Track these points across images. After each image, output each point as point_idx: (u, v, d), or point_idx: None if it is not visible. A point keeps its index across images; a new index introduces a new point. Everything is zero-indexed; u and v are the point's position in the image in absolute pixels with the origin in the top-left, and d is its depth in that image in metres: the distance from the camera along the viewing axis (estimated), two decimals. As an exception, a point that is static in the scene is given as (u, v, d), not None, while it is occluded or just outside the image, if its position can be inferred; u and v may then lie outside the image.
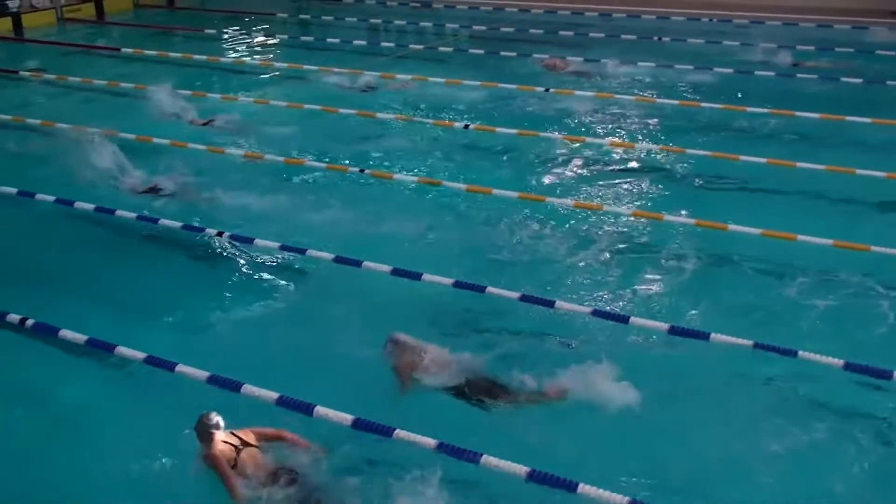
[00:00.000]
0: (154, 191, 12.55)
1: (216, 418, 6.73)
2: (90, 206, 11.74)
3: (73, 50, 22.32)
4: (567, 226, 11.16)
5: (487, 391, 7.50)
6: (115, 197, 12.28)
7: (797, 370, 7.91)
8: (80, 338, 8.55)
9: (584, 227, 11.12)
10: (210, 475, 6.59)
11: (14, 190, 12.36)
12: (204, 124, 15.53)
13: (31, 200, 12.17)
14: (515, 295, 9.10)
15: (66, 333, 8.64)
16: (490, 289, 9.20)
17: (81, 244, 11.29)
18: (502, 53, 19.75)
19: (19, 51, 23.25)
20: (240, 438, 6.70)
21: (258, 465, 6.57)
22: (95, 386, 8.29)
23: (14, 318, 8.98)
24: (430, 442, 6.69)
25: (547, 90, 16.61)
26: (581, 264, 10.21)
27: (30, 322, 8.88)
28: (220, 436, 6.69)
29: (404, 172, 13.03)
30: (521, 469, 6.41)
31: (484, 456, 6.52)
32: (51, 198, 12.07)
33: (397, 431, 6.83)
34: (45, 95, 18.23)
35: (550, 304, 8.97)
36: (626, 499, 6.10)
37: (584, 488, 6.20)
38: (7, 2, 25.33)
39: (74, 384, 8.32)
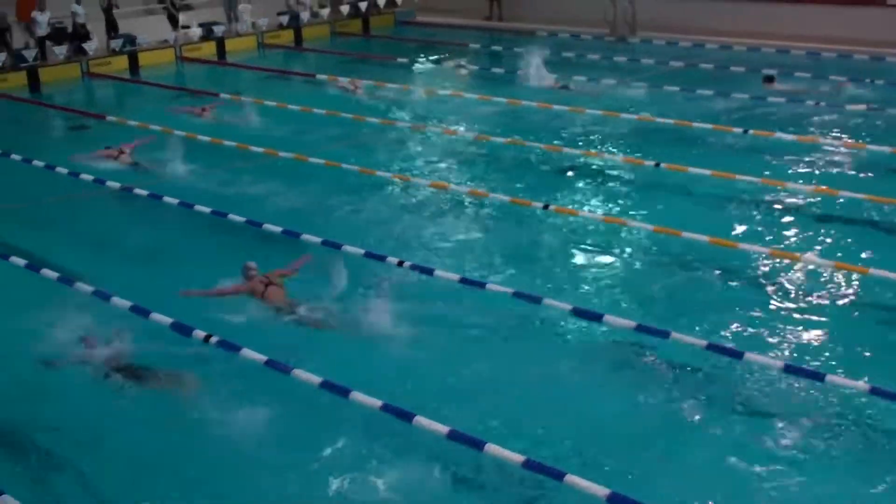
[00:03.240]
0: None
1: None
2: (278, 229, 12.30)
3: (270, 75, 23.45)
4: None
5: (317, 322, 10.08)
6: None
7: None
8: (261, 359, 8.91)
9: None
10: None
11: (208, 209, 12.98)
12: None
13: (223, 219, 12.84)
14: (702, 342, 8.95)
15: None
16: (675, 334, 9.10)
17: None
18: (698, 91, 19.36)
19: (221, 74, 24.62)
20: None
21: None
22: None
23: (200, 334, 9.45)
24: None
25: (746, 132, 16.13)
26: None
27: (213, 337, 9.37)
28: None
29: (588, 210, 12.99)
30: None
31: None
32: (241, 218, 12.72)
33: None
34: (241, 117, 19.23)
35: (739, 355, 8.75)
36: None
37: None
38: (213, 27, 26.92)
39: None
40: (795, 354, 9.08)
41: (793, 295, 10.33)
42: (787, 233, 11.99)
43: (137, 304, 10.12)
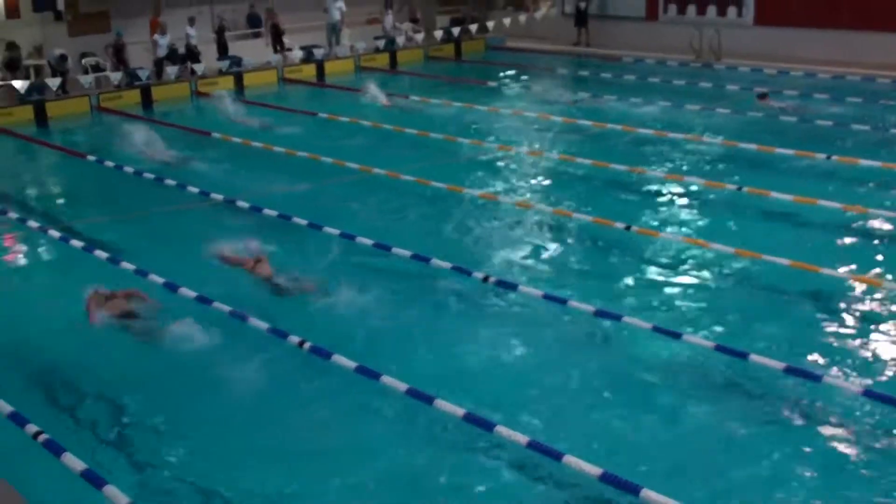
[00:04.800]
0: None
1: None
2: (369, 241, 12.43)
3: (364, 96, 23.73)
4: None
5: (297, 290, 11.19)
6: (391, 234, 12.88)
7: None
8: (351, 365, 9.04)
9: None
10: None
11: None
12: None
13: (318, 231, 13.02)
14: (781, 365, 8.75)
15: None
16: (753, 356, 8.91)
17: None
18: (781, 118, 18.99)
19: (319, 94, 25.03)
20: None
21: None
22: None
23: (294, 339, 9.59)
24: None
25: (829, 157, 15.75)
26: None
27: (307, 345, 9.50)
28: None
29: (669, 231, 12.83)
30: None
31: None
32: (336, 231, 12.88)
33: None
34: (343, 135, 19.50)
35: (817, 378, 8.56)
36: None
37: None
38: (314, 50, 27.40)
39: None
40: (875, 380, 8.81)
41: (873, 321, 10.02)
42: (869, 259, 11.64)
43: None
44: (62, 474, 7.37)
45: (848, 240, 12.36)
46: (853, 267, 11.25)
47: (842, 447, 7.85)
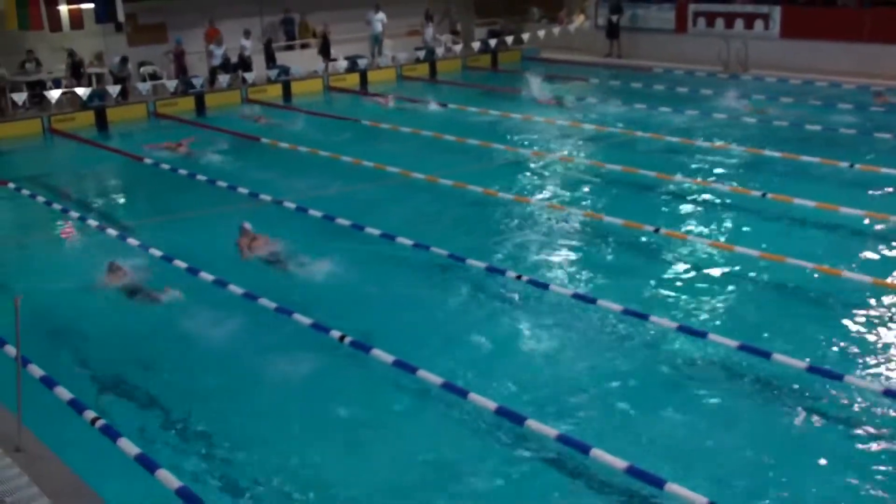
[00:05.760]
0: None
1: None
2: (407, 242, 12.43)
3: (406, 104, 23.79)
4: None
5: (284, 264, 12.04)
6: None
7: None
8: (389, 358, 9.03)
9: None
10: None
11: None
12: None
13: (360, 232, 13.07)
14: (803, 364, 8.65)
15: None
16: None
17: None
18: (806, 127, 18.74)
19: (360, 103, 25.08)
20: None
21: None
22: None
23: (335, 334, 9.63)
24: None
25: (852, 166, 15.52)
26: None
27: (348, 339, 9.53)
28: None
29: (696, 235, 12.74)
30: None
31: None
32: (377, 231, 12.92)
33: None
34: (389, 142, 19.57)
35: (839, 377, 8.42)
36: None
37: None
38: (358, 60, 27.50)
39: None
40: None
41: (894, 322, 9.87)
42: (890, 263, 11.46)
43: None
44: (119, 457, 7.47)
45: (869, 244, 12.17)
46: (874, 270, 11.07)
47: (863, 445, 7.72)
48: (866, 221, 12.85)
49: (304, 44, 28.57)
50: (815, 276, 10.93)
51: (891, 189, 14.37)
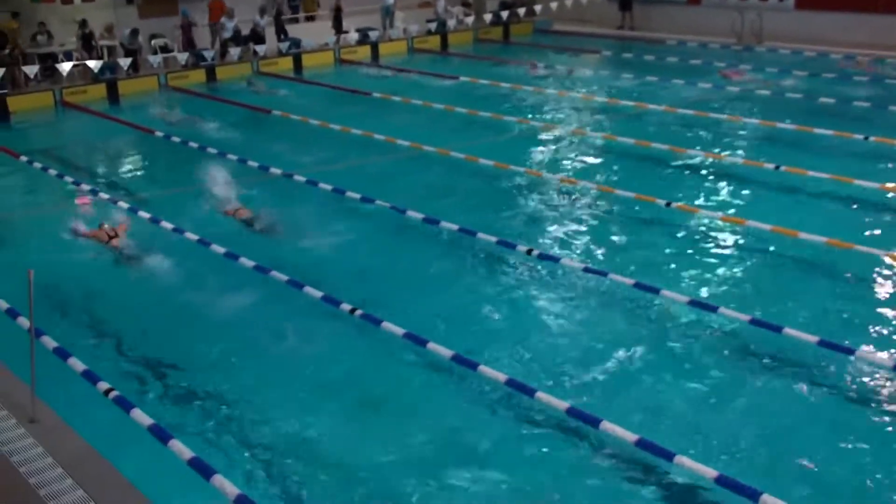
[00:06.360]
0: None
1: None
2: (418, 215, 12.40)
3: (417, 77, 23.68)
4: None
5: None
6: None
7: None
8: (399, 331, 9.04)
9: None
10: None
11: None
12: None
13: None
14: (814, 339, 8.60)
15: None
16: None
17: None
18: (820, 99, 18.56)
19: (373, 75, 24.97)
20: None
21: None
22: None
23: (346, 307, 9.64)
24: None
25: (867, 138, 15.38)
26: None
27: (358, 312, 9.52)
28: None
29: (708, 208, 12.68)
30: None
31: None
32: (387, 204, 12.89)
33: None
34: (398, 114, 19.50)
35: (850, 352, 8.41)
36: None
37: None
38: (369, 33, 27.37)
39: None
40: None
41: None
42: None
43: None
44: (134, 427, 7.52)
45: (884, 218, 12.10)
46: (888, 244, 11.00)
47: (877, 419, 7.70)
48: (882, 194, 12.75)
49: (309, 16, 28.40)
50: (829, 249, 10.86)
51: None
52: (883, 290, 10.03)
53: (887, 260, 10.59)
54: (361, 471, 7.27)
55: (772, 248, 11.25)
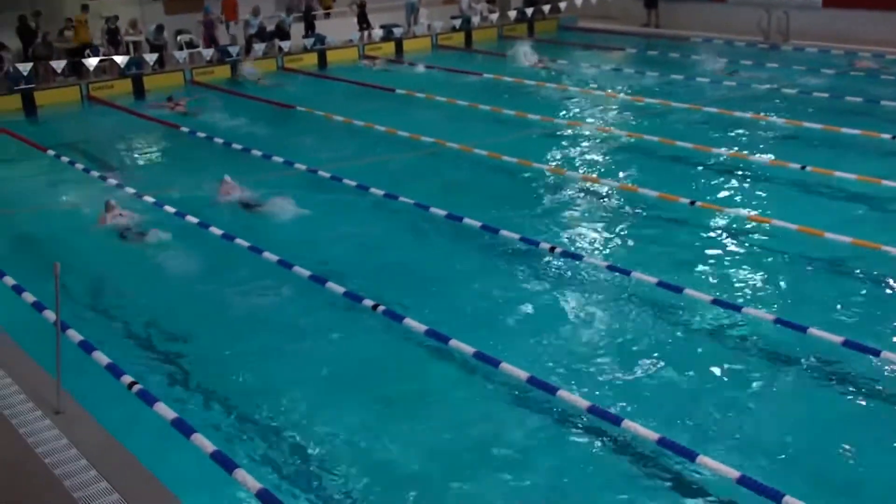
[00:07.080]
0: None
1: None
2: (441, 212, 12.42)
3: (442, 73, 23.67)
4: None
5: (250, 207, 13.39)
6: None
7: None
8: (421, 328, 9.05)
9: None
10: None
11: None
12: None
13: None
14: (839, 339, 8.52)
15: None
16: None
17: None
18: (847, 98, 18.39)
19: (396, 71, 24.99)
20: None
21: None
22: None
23: (368, 303, 9.66)
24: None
25: (894, 138, 15.22)
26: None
27: (381, 308, 9.53)
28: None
29: (733, 207, 12.59)
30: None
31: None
32: (410, 201, 12.90)
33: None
34: (422, 110, 19.48)
35: (876, 353, 8.31)
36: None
37: None
38: (393, 29, 27.38)
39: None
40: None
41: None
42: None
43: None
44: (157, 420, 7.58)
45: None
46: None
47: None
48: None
49: (326, 13, 28.42)
50: (855, 249, 10.75)
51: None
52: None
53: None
54: (382, 466, 7.30)
55: (797, 249, 11.16)
